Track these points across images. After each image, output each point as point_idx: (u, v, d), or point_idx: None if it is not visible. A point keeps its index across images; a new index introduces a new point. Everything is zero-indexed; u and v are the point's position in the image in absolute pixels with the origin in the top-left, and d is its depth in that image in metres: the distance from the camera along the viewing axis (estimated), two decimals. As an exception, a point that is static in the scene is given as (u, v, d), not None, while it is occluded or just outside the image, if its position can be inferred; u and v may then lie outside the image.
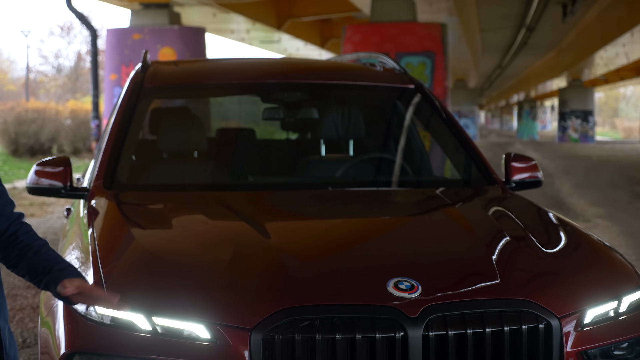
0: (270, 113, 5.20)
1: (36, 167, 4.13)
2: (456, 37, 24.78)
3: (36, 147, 28.89)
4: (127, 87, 4.69)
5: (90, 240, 3.43)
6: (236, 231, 3.54)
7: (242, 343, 2.84)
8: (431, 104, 4.92)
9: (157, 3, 18.18)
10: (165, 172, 4.69)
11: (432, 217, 4.03)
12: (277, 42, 30.22)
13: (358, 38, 15.79)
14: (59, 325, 3.03)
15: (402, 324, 2.87)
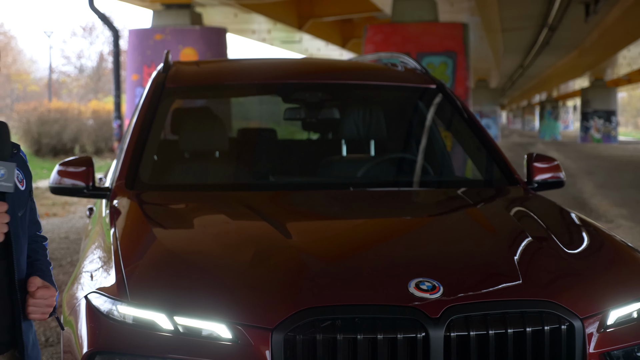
0: (292, 113, 5.20)
1: (59, 167, 4.15)
2: (478, 37, 24.70)
3: (59, 147, 29.07)
4: (149, 87, 4.71)
5: (113, 239, 3.44)
6: (257, 231, 3.54)
7: (263, 343, 2.84)
8: (453, 104, 4.90)
9: (178, 3, 18.24)
10: (186, 172, 4.71)
11: (454, 217, 4.02)
12: (298, 43, 30.24)
13: (379, 38, 15.77)
14: (82, 325, 3.05)
15: (424, 325, 2.86)
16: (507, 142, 42.66)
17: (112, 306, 3.00)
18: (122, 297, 2.99)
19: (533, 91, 64.11)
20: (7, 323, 2.48)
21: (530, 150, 28.17)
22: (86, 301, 3.10)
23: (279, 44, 31.02)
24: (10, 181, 2.37)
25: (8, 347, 2.51)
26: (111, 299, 3.01)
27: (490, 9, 19.45)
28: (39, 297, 2.50)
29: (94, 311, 3.03)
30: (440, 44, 15.36)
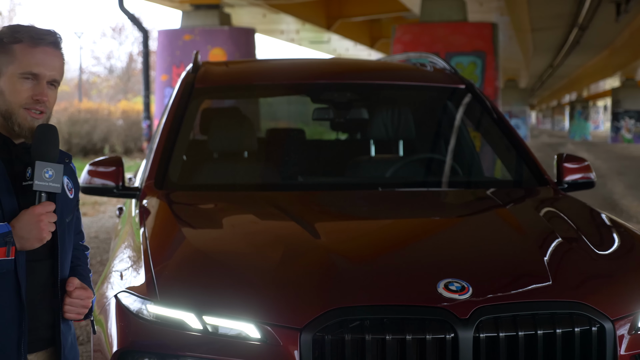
0: (320, 113, 5.20)
1: (89, 167, 4.18)
2: (507, 37, 24.57)
3: (88, 147, 29.29)
4: (179, 87, 4.72)
5: (142, 239, 3.46)
6: (286, 231, 3.55)
7: (292, 343, 2.84)
8: (482, 104, 4.88)
9: (207, 4, 18.30)
10: (215, 172, 4.72)
11: (483, 218, 4.00)
12: (327, 43, 30.23)
13: (408, 38, 15.73)
14: (111, 324, 3.07)
15: (453, 326, 2.85)
16: (536, 143, 42.41)
17: (142, 305, 3.01)
18: (152, 297, 3.01)
19: (563, 91, 63.66)
20: (48, 321, 2.52)
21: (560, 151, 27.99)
22: (116, 300, 3.12)
23: (307, 44, 31.04)
24: (58, 182, 2.43)
25: (48, 344, 2.54)
26: (141, 298, 3.03)
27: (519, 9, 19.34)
28: (75, 297, 2.55)
29: (124, 310, 3.05)
30: (469, 44, 15.29)
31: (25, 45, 2.44)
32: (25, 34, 2.45)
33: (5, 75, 2.44)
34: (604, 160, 28.25)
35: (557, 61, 33.59)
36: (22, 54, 2.44)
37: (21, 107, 2.44)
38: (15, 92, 2.44)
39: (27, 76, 2.44)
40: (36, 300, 2.47)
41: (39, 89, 2.45)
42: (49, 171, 2.41)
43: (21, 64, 2.43)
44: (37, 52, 2.45)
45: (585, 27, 21.90)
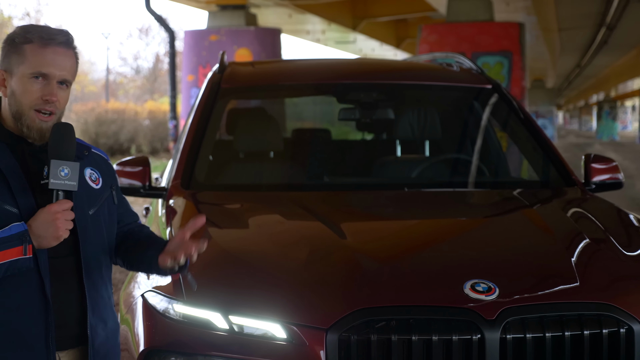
0: (346, 113, 5.20)
1: (116, 167, 4.20)
2: (534, 37, 24.45)
3: (115, 147, 29.47)
4: (205, 87, 4.74)
5: (169, 238, 3.46)
6: (312, 231, 3.55)
7: (317, 343, 2.84)
8: (509, 104, 4.86)
9: (233, 4, 18.34)
10: (241, 172, 4.73)
11: (510, 218, 3.98)
12: (353, 43, 30.22)
13: (434, 38, 15.69)
14: (138, 323, 3.08)
15: (479, 326, 2.84)
16: (563, 143, 42.16)
17: (168, 305, 3.02)
18: (178, 296, 3.02)
19: (590, 91, 63.24)
20: (77, 318, 2.53)
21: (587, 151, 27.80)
22: (142, 300, 3.14)
23: (333, 45, 31.04)
24: (74, 180, 2.44)
25: (78, 342, 2.55)
26: (167, 298, 3.04)
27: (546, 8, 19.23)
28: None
29: (150, 310, 3.06)
30: (496, 44, 15.23)
31: (36, 45, 2.45)
32: (36, 34, 2.45)
33: (16, 75, 2.46)
34: (632, 161, 28.02)
35: (584, 61, 33.37)
36: (32, 54, 2.44)
37: (31, 109, 2.45)
38: (25, 92, 2.44)
39: (37, 76, 2.45)
40: (62, 297, 2.48)
41: (48, 89, 2.46)
42: (64, 169, 2.42)
43: (31, 64, 2.44)
44: (47, 52, 2.45)
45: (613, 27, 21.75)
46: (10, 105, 2.46)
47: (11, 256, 2.34)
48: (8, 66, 2.47)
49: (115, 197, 2.68)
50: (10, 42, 2.47)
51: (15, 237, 2.35)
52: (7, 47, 2.47)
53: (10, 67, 2.46)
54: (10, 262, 2.34)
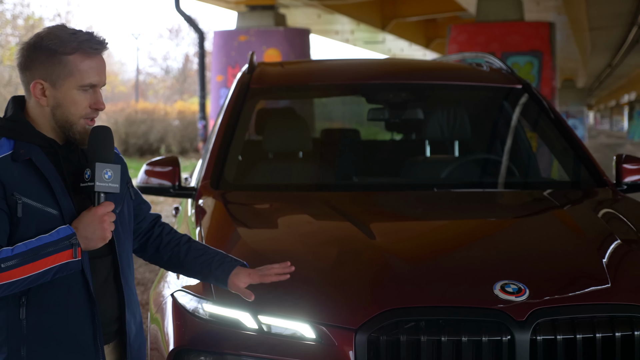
0: (375, 114, 5.19)
1: (146, 167, 4.22)
2: (564, 36, 24.27)
3: (145, 147, 29.61)
4: (234, 88, 4.75)
5: (198, 238, 3.48)
6: (341, 231, 3.54)
7: (347, 343, 2.84)
8: (539, 104, 4.83)
9: (263, 5, 18.36)
10: (270, 172, 4.73)
11: (540, 219, 3.95)
12: (382, 43, 30.16)
13: (463, 38, 15.62)
14: (168, 322, 3.10)
15: (509, 328, 2.82)
16: (594, 143, 41.85)
17: (198, 304, 3.04)
18: (208, 296, 3.03)
19: (622, 91, 62.69)
20: (113, 314, 2.58)
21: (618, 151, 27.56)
22: (172, 299, 3.15)
23: (362, 45, 30.99)
24: (116, 182, 2.48)
25: (115, 336, 2.60)
26: (197, 297, 3.05)
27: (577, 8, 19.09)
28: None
29: (180, 309, 3.08)
30: (526, 44, 15.14)
31: (81, 56, 2.44)
32: (77, 44, 2.44)
33: (62, 87, 2.45)
34: (664, 161, 27.68)
35: (615, 60, 33.08)
36: (80, 66, 2.44)
37: (81, 118, 2.46)
38: (75, 103, 2.45)
39: (86, 88, 2.46)
40: (101, 296, 2.52)
41: (96, 98, 2.48)
42: (108, 172, 2.46)
43: (81, 77, 2.44)
44: (93, 62, 2.46)
45: (645, 26, 21.53)
46: (56, 115, 2.46)
47: (62, 259, 2.37)
48: (49, 77, 2.44)
49: (131, 192, 2.72)
50: (47, 51, 2.43)
51: (65, 240, 2.37)
52: (44, 56, 2.44)
53: (53, 78, 2.44)
54: (60, 265, 2.37)
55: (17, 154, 2.41)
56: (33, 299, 2.41)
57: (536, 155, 5.37)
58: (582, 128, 44.76)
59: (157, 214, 2.87)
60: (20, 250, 2.33)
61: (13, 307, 2.41)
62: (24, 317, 2.41)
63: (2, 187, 2.37)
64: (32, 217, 2.39)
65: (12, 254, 2.32)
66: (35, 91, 2.45)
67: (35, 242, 2.35)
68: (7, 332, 2.41)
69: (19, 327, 2.41)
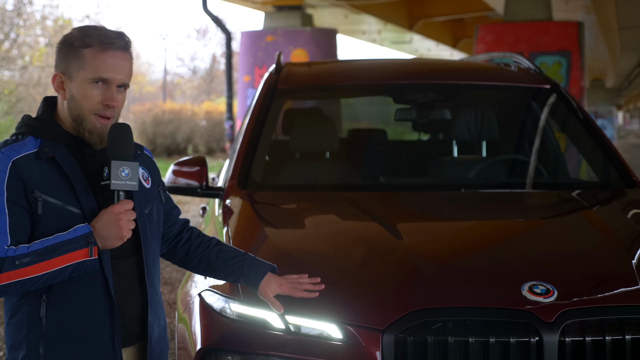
0: (403, 114, 5.17)
1: (174, 167, 4.24)
2: (593, 36, 24.11)
3: (172, 147, 29.75)
4: (261, 88, 4.75)
5: (225, 238, 3.49)
6: (368, 232, 3.54)
7: (373, 344, 2.84)
8: (567, 104, 4.79)
9: (290, 5, 18.39)
10: (297, 173, 4.74)
11: (569, 219, 3.93)
12: (409, 43, 30.10)
13: (491, 38, 15.55)
14: (195, 322, 3.11)
15: (537, 329, 2.81)
16: (623, 144, 41.53)
17: (225, 304, 3.04)
18: (235, 296, 3.04)
19: (651, 91, 62.11)
20: (137, 316, 2.58)
21: (647, 152, 27.35)
22: (200, 299, 3.16)
23: (389, 45, 30.95)
24: (134, 180, 2.47)
25: (138, 339, 2.61)
26: (224, 297, 3.06)
27: (606, 7, 18.95)
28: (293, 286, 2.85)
29: (207, 309, 3.09)
30: (554, 43, 15.05)
31: (95, 49, 2.45)
32: (95, 38, 2.46)
33: (76, 80, 2.47)
34: (694, 162, 27.47)
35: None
36: (92, 59, 2.45)
37: (91, 113, 2.47)
38: (85, 97, 2.46)
39: (97, 81, 2.46)
40: (124, 297, 2.52)
41: (108, 94, 2.48)
42: (125, 170, 2.45)
43: (92, 69, 2.45)
44: (107, 57, 2.46)
45: (675, 25, 21.32)
46: (70, 109, 2.48)
47: (77, 258, 2.37)
48: (67, 70, 2.48)
49: (162, 196, 2.73)
50: (68, 45, 2.47)
51: (81, 238, 2.38)
52: (65, 50, 2.48)
53: (69, 70, 2.47)
54: (76, 263, 2.37)
55: (42, 152, 2.43)
56: (54, 297, 2.42)
57: (564, 156, 5.33)
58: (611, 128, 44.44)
59: (185, 219, 2.88)
60: (36, 248, 2.35)
61: (34, 305, 2.42)
62: (44, 315, 2.42)
63: (23, 184, 2.39)
64: (53, 215, 2.40)
65: (27, 251, 2.34)
66: (55, 84, 2.49)
67: (52, 240, 2.37)
68: (27, 329, 2.43)
69: (39, 325, 2.42)
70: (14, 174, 2.38)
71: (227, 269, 2.80)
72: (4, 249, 2.33)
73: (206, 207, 5.23)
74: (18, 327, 2.44)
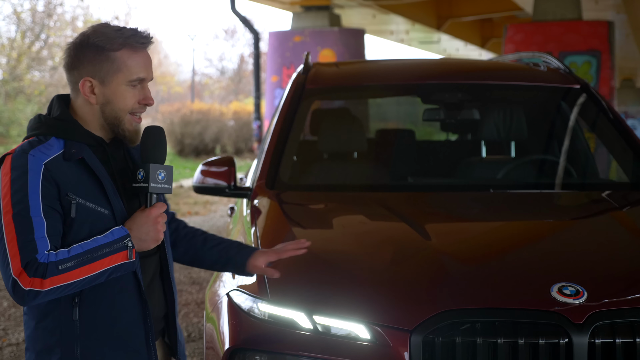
0: (431, 114, 5.16)
1: (202, 167, 4.26)
2: (623, 35, 23.90)
3: (200, 147, 29.85)
4: (290, 88, 4.76)
5: (254, 238, 3.50)
6: (396, 232, 3.53)
7: (402, 344, 2.83)
8: (597, 105, 4.76)
9: (317, 5, 18.39)
10: (325, 173, 4.74)
11: (598, 220, 3.90)
12: (437, 43, 30.01)
13: (520, 37, 15.47)
14: (224, 321, 3.12)
15: (567, 330, 2.79)
16: (653, 144, 41.11)
17: (253, 304, 3.05)
18: (263, 295, 3.04)
19: (682, 91, 61.54)
20: (159, 313, 2.60)
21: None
22: (228, 298, 3.17)
23: (417, 45, 30.87)
24: (169, 183, 2.49)
25: (159, 335, 2.63)
26: (252, 297, 3.07)
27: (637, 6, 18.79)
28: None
29: (235, 309, 3.09)
30: (584, 43, 14.94)
31: (128, 51, 2.44)
32: (123, 40, 2.44)
33: (111, 84, 2.45)
34: None
35: (676, 60, 32.48)
36: (128, 62, 2.44)
37: (127, 113, 2.46)
38: (123, 99, 2.45)
39: (134, 83, 2.46)
40: (149, 295, 2.53)
41: (144, 93, 2.48)
42: (161, 173, 2.46)
43: (130, 72, 2.45)
44: (140, 57, 2.46)
45: None
46: (105, 112, 2.46)
47: (117, 260, 2.37)
48: (98, 74, 2.45)
49: None
50: (95, 48, 2.43)
51: (119, 241, 2.38)
52: (91, 53, 2.44)
53: (102, 75, 2.44)
54: (115, 266, 2.37)
55: (69, 154, 2.40)
56: (86, 300, 2.41)
57: (594, 156, 5.29)
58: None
59: (172, 212, 2.88)
60: (77, 252, 2.33)
61: (66, 308, 2.41)
62: (77, 318, 2.40)
63: (57, 187, 2.37)
64: (86, 217, 2.39)
65: (69, 256, 2.32)
66: (85, 89, 2.45)
67: (90, 243, 2.35)
68: (60, 333, 2.41)
69: (73, 328, 2.41)
70: (47, 176, 2.35)
71: (213, 255, 2.79)
72: (45, 254, 2.30)
73: (234, 207, 5.24)
74: (49, 331, 2.42)
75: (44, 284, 2.29)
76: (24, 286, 2.28)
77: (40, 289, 2.29)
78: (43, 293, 2.30)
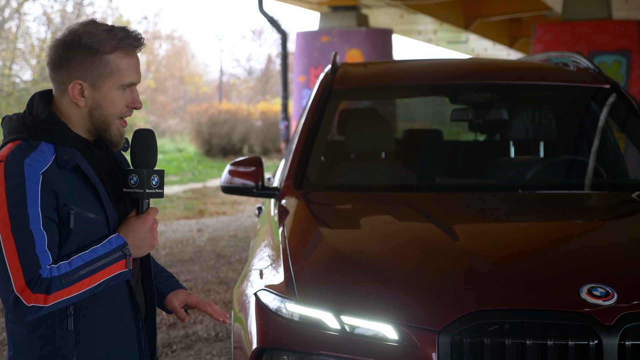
0: (459, 114, 5.13)
1: (230, 167, 4.27)
2: (654, 35, 23.69)
3: (228, 148, 29.93)
4: (317, 88, 4.76)
5: (281, 238, 3.50)
6: (424, 232, 3.52)
7: (429, 345, 2.82)
8: (627, 105, 4.72)
9: (345, 5, 18.38)
10: (353, 173, 4.73)
11: (628, 221, 3.86)
12: (465, 43, 29.90)
13: (549, 37, 15.38)
14: (251, 321, 3.12)
15: (596, 332, 2.77)
16: (684, 144, 40.72)
17: (281, 304, 3.05)
18: (290, 295, 3.04)
19: None
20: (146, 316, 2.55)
21: None
22: (255, 298, 3.18)
23: (445, 45, 30.77)
24: (161, 188, 2.44)
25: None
26: (279, 297, 3.07)
27: (667, 5, 18.63)
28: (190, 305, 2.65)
29: (263, 308, 3.10)
30: (614, 42, 14.83)
31: (121, 54, 2.35)
32: (116, 42, 2.33)
33: (102, 88, 2.35)
34: None
35: None
36: (121, 65, 2.35)
37: (116, 117, 2.38)
38: (114, 103, 2.36)
39: (125, 87, 2.37)
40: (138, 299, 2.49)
41: (134, 96, 2.40)
42: (155, 178, 2.41)
43: (122, 76, 2.36)
44: (132, 60, 2.37)
45: None
46: (93, 116, 2.36)
47: (117, 270, 2.32)
48: (89, 77, 2.34)
49: None
50: (87, 50, 2.32)
51: (117, 250, 2.32)
52: (83, 55, 2.32)
53: (93, 78, 2.34)
54: (113, 275, 2.32)
55: (62, 161, 2.30)
56: (81, 310, 2.33)
57: (624, 157, 5.24)
58: (671, 129, 43.59)
59: None
60: (78, 264, 2.26)
61: (60, 319, 2.32)
62: (72, 329, 2.33)
63: (55, 197, 2.27)
64: (83, 226, 2.31)
65: (70, 269, 2.24)
66: (74, 92, 2.33)
67: (90, 254, 2.28)
68: (54, 343, 2.33)
69: (67, 339, 2.33)
70: (46, 187, 2.25)
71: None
72: (47, 268, 2.22)
73: (262, 207, 5.25)
74: (43, 341, 2.33)
75: (47, 300, 2.21)
76: (27, 302, 2.20)
77: (44, 304, 2.21)
78: (45, 308, 2.22)
